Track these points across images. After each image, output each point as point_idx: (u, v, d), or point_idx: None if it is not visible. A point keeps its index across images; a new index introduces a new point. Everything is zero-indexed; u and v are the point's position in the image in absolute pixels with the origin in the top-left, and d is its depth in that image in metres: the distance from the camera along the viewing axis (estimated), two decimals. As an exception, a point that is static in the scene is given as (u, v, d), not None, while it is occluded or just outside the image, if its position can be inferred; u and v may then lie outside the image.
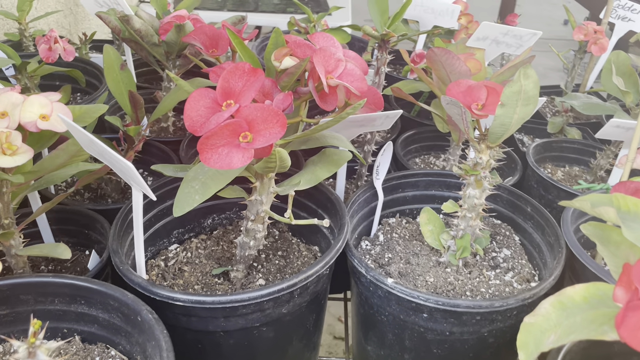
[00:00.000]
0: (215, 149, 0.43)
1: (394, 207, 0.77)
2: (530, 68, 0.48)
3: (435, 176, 0.76)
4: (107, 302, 0.51)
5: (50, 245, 0.54)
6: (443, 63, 0.73)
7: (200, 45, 0.57)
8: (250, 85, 0.44)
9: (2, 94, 0.52)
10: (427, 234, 0.68)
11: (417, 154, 0.96)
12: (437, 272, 0.66)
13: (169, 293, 0.51)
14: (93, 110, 0.59)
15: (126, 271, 0.53)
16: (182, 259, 0.69)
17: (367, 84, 0.52)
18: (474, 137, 0.58)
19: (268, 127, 0.43)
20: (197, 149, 0.43)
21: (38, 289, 0.51)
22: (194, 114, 0.43)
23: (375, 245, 0.72)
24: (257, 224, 0.62)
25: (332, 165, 0.63)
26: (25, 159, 0.49)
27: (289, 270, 0.68)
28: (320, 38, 0.53)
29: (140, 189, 0.48)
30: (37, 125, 0.52)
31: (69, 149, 0.51)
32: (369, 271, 0.58)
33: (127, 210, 0.62)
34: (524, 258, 0.70)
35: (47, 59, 0.81)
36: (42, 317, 0.52)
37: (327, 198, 0.68)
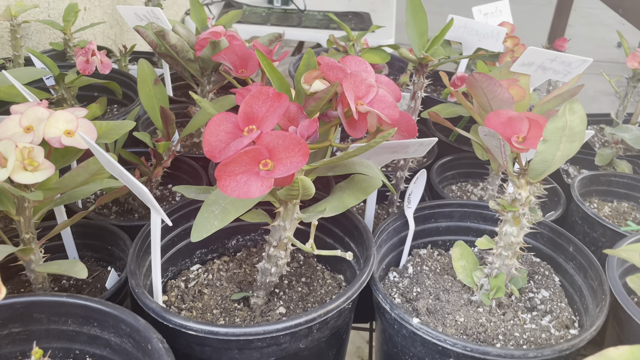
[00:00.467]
0: (233, 176, 0.41)
1: (425, 237, 0.73)
2: (577, 102, 0.44)
3: (471, 207, 0.72)
4: (119, 326, 0.49)
5: (68, 263, 0.53)
6: (484, 89, 0.69)
7: (230, 65, 0.56)
8: (273, 111, 0.42)
9: (28, 108, 0.52)
10: (459, 270, 0.64)
11: (453, 180, 0.92)
12: (468, 312, 0.62)
13: (182, 321, 0.49)
14: (120, 127, 0.58)
15: (141, 294, 0.51)
16: (203, 280, 0.67)
17: (398, 111, 0.49)
18: (513, 171, 0.54)
19: (289, 155, 0.41)
20: (215, 175, 0.41)
21: (52, 308, 0.50)
22: (213, 139, 0.41)
23: (404, 278, 0.68)
24: (280, 251, 0.59)
25: (361, 193, 0.61)
26: (45, 175, 0.48)
27: (312, 299, 0.65)
28: (352, 62, 0.51)
29: (156, 212, 0.46)
30: (61, 142, 0.51)
31: (90, 167, 0.50)
32: (394, 308, 0.55)
33: (147, 231, 0.60)
34: (564, 301, 0.65)
35: (84, 71, 0.81)
36: (55, 337, 0.51)
37: (355, 226, 0.65)
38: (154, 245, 0.51)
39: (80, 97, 1.00)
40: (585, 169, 1.00)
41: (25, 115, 0.52)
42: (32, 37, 1.16)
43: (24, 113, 0.52)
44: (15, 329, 0.50)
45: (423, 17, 0.64)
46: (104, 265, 0.69)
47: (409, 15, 0.64)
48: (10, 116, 0.52)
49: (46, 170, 0.49)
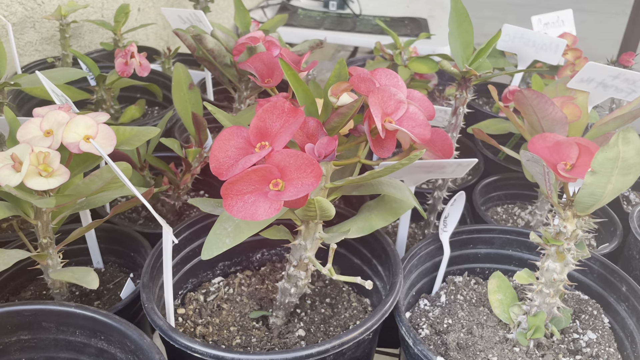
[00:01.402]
0: (240, 195, 0.38)
1: (462, 264, 0.68)
2: (633, 131, 0.38)
3: (514, 234, 0.66)
4: (124, 342, 0.48)
5: (82, 272, 0.52)
6: (534, 107, 0.63)
7: (256, 73, 0.53)
8: (288, 127, 0.38)
9: (49, 112, 0.51)
10: (495, 304, 0.58)
11: (499, 202, 0.86)
12: (502, 351, 0.56)
13: (188, 343, 0.46)
14: (144, 133, 0.57)
15: (150, 310, 0.49)
16: (223, 295, 0.64)
17: (430, 130, 0.45)
18: (558, 202, 0.48)
19: (301, 176, 0.37)
20: (221, 193, 0.38)
21: (60, 317, 0.49)
22: (221, 154, 0.39)
23: (435, 307, 0.63)
24: (300, 271, 0.56)
25: (390, 215, 0.57)
26: (59, 182, 0.47)
27: (334, 322, 0.62)
28: (382, 75, 0.47)
29: (167, 228, 0.44)
30: (79, 147, 0.50)
31: (104, 176, 0.48)
32: (417, 344, 0.50)
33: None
34: (612, 346, 0.58)
35: (123, 73, 0.81)
36: (63, 347, 0.50)
37: (383, 248, 0.61)
38: (165, 262, 0.49)
39: (121, 97, 1.00)
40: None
41: (46, 118, 0.51)
42: (85, 37, 1.18)
43: (45, 116, 0.51)
44: (24, 336, 0.49)
45: (468, 28, 0.59)
46: (126, 272, 0.68)
47: (453, 25, 0.59)
48: (32, 119, 0.51)
49: (60, 176, 0.47)
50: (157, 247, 0.57)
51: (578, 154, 0.46)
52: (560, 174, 0.45)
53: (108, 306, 0.62)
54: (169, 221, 0.77)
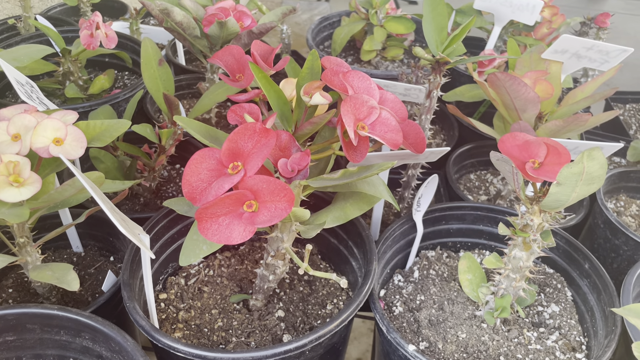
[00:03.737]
0: (215, 218, 0.39)
1: (435, 239, 0.70)
2: (598, 150, 0.39)
3: (484, 211, 0.68)
4: (109, 342, 0.49)
5: (61, 271, 0.52)
6: (507, 89, 0.63)
7: (226, 69, 0.52)
8: (260, 149, 0.38)
9: (15, 116, 0.50)
10: (465, 283, 0.61)
11: (472, 169, 0.87)
12: (471, 327, 0.60)
13: (171, 342, 0.48)
14: (115, 128, 0.56)
15: (132, 310, 0.51)
16: (204, 277, 0.66)
17: (402, 136, 0.45)
18: (525, 197, 0.50)
19: (274, 200, 0.38)
20: (195, 217, 0.38)
21: (43, 320, 0.50)
22: (193, 178, 0.39)
23: (409, 283, 0.66)
24: (277, 260, 0.58)
25: (365, 204, 0.58)
26: (32, 192, 0.47)
27: (312, 301, 0.64)
28: (355, 78, 0.46)
29: (144, 247, 0.44)
30: (49, 151, 0.49)
31: (77, 185, 0.48)
32: (390, 332, 0.53)
33: (149, 228, 0.59)
34: (574, 318, 0.62)
35: (88, 46, 0.78)
36: (49, 345, 0.52)
37: (359, 233, 0.62)
38: (145, 265, 0.50)
39: (89, 63, 0.97)
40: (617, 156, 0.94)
41: (12, 123, 0.49)
42: (45, -7, 1.12)
43: (11, 121, 0.49)
44: (9, 337, 0.51)
45: (443, 11, 0.58)
46: (106, 255, 0.69)
47: (427, 8, 0.58)
48: (-3, 123, 0.50)
49: (32, 185, 0.47)
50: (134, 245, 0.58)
51: (546, 153, 0.47)
52: (528, 174, 0.47)
53: (91, 292, 0.64)
54: (147, 200, 0.78)
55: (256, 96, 0.52)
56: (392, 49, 1.03)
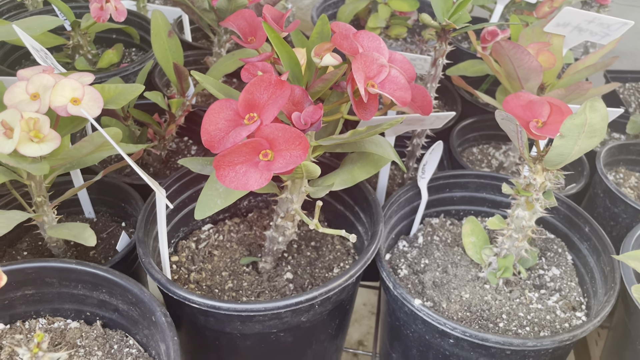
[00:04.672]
0: (232, 166, 0.40)
1: (439, 206, 0.72)
2: (599, 101, 0.41)
3: (487, 179, 0.70)
4: (126, 295, 0.51)
5: (78, 228, 0.54)
6: (511, 57, 0.65)
7: (238, 32, 0.53)
8: (275, 99, 0.40)
9: (34, 75, 0.51)
10: (469, 246, 0.63)
11: (475, 142, 0.89)
12: (474, 288, 0.61)
13: (186, 294, 0.50)
14: (128, 91, 0.57)
15: (148, 264, 0.53)
16: (214, 241, 0.68)
17: (410, 93, 0.47)
18: (529, 156, 0.51)
19: (289, 148, 0.40)
20: (214, 165, 0.40)
21: (62, 274, 0.52)
22: (212, 127, 0.40)
23: (413, 248, 0.68)
24: (287, 222, 0.59)
25: (372, 167, 0.59)
26: (51, 148, 0.48)
27: (319, 264, 0.66)
28: (365, 38, 0.48)
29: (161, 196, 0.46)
30: (67, 110, 0.51)
31: (95, 141, 0.50)
32: (397, 287, 0.55)
33: (154, 198, 0.61)
34: (574, 280, 0.64)
35: (98, 18, 0.79)
36: (66, 299, 0.54)
37: (365, 198, 0.64)
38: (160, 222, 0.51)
39: (97, 39, 0.98)
40: (617, 132, 0.96)
41: (31, 82, 0.51)
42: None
43: (30, 80, 0.51)
44: (28, 291, 0.52)
45: (449, -22, 0.59)
46: (118, 221, 0.70)
47: (434, -24, 0.59)
48: (17, 83, 0.51)
49: (52, 141, 0.49)
50: (149, 201, 0.59)
51: (549, 112, 0.49)
52: (532, 132, 0.48)
53: (103, 256, 0.65)
54: (156, 169, 0.79)
55: (267, 59, 0.53)
56: (396, 27, 1.04)
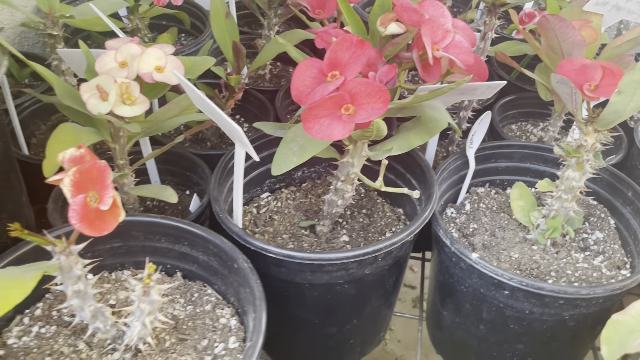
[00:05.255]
0: (317, 119, 0.44)
1: (484, 176, 0.76)
2: (657, 57, 0.44)
3: (532, 149, 0.74)
4: (207, 246, 0.55)
5: (159, 188, 0.59)
6: (556, 31, 0.68)
7: (307, 5, 0.58)
8: (357, 58, 0.44)
9: (122, 44, 0.56)
10: (517, 210, 0.67)
11: (514, 120, 0.92)
12: (522, 249, 0.65)
13: (263, 245, 0.54)
14: (201, 63, 0.62)
15: (225, 219, 0.57)
16: (273, 207, 0.72)
17: (473, 57, 0.51)
18: (581, 118, 0.55)
19: (371, 101, 0.44)
20: (301, 118, 0.44)
21: (148, 227, 0.56)
22: (300, 84, 0.45)
23: (461, 214, 0.72)
24: (347, 185, 0.63)
25: (426, 134, 0.63)
26: (143, 109, 0.53)
27: (372, 229, 0.70)
28: (430, 5, 0.52)
29: (245, 149, 0.50)
30: (152, 77, 0.55)
31: (181, 103, 0.54)
32: (454, 243, 0.59)
33: (227, 160, 0.65)
34: (617, 243, 0.67)
35: (158, 2, 0.84)
36: (150, 252, 0.58)
37: (417, 164, 0.68)
38: (236, 176, 0.56)
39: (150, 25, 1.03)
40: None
41: (119, 51, 0.56)
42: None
43: (119, 49, 0.56)
44: (115, 244, 0.57)
45: (500, -44, 0.63)
46: (182, 190, 0.75)
47: (486, -46, 0.63)
48: (107, 52, 0.56)
49: (142, 104, 0.53)
50: (220, 165, 0.64)
51: (602, 76, 0.52)
52: (586, 94, 0.52)
53: (172, 220, 0.70)
54: (213, 143, 0.84)
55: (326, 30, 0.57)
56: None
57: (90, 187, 0.40)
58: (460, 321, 0.65)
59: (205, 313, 0.55)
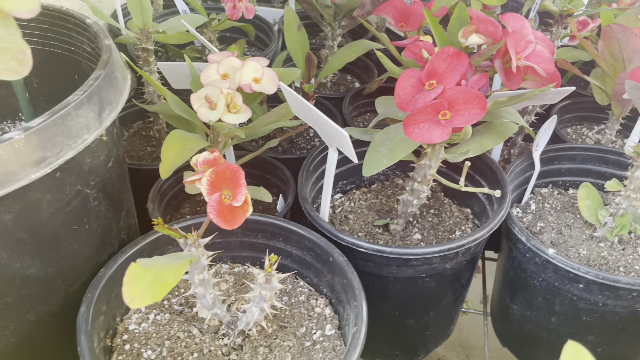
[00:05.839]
0: (417, 124, 0.49)
1: (547, 178, 0.79)
2: None
3: (594, 151, 0.77)
4: (302, 242, 0.60)
5: (254, 189, 0.64)
6: (619, 39, 0.72)
7: (391, 19, 0.62)
8: (454, 68, 0.49)
9: (224, 58, 0.61)
10: (584, 209, 0.70)
11: (569, 124, 0.96)
12: (590, 246, 0.69)
13: (354, 240, 0.59)
14: (289, 74, 0.67)
15: (316, 217, 0.62)
16: (347, 207, 0.77)
17: (553, 65, 0.55)
18: (653, 121, 0.59)
19: (468, 107, 0.48)
20: (403, 123, 0.49)
21: (247, 224, 0.61)
22: (401, 92, 0.49)
23: (527, 214, 0.75)
24: (423, 186, 0.68)
25: (499, 137, 0.67)
26: (246, 117, 0.58)
27: (441, 228, 0.74)
28: (511, 19, 0.56)
29: (345, 152, 0.55)
30: (251, 87, 0.61)
31: (280, 111, 0.59)
32: (530, 239, 0.63)
33: (308, 163, 0.70)
34: (681, 241, 0.70)
35: (232, 16, 0.90)
36: (246, 247, 0.63)
37: (488, 166, 0.72)
38: (327, 176, 0.61)
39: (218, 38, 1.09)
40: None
41: (221, 64, 0.61)
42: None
43: (221, 62, 0.61)
44: (217, 239, 0.62)
45: (567, -30, 0.67)
46: (261, 191, 0.80)
47: (555, -32, 0.67)
48: (210, 65, 0.61)
49: (245, 112, 0.59)
50: (304, 167, 0.69)
51: (673, 82, 0.56)
52: (659, 99, 0.55)
53: (254, 219, 0.75)
54: (284, 148, 0.89)
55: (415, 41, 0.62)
56: (484, 21, 1.12)
57: (224, 185, 0.45)
58: (532, 314, 0.69)
59: (300, 303, 0.60)
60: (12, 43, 0.36)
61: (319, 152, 0.74)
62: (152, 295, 0.38)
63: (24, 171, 0.41)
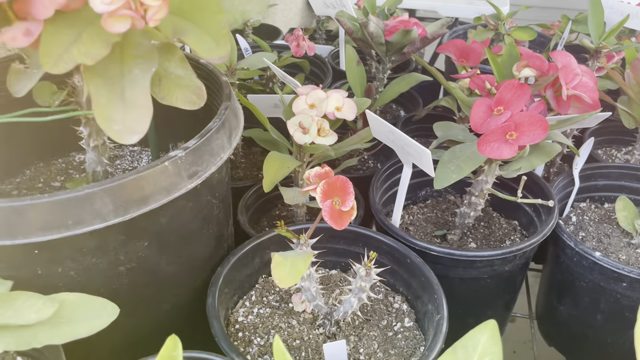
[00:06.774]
0: (489, 143, 0.59)
1: (584, 193, 0.89)
2: None
3: (627, 169, 0.86)
4: (380, 247, 0.70)
5: (334, 202, 0.74)
6: (647, 71, 0.82)
7: (453, 55, 0.73)
8: (519, 97, 0.59)
9: (311, 91, 0.72)
10: (622, 219, 0.79)
11: (599, 146, 1.05)
12: (628, 252, 0.78)
13: (427, 245, 0.69)
14: (361, 103, 0.78)
15: (391, 226, 0.72)
16: (407, 220, 0.87)
17: (597, 94, 0.65)
18: (683, 141, 0.68)
19: (532, 129, 0.58)
20: (477, 143, 0.59)
21: (330, 232, 0.71)
22: (476, 117, 0.59)
23: (569, 225, 0.84)
24: (479, 199, 0.77)
25: (545, 156, 0.77)
26: (333, 140, 0.68)
27: (492, 238, 0.83)
28: (560, 55, 0.67)
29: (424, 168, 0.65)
30: (334, 115, 0.71)
31: (362, 135, 0.70)
32: (578, 244, 0.72)
33: (377, 179, 0.80)
34: None
35: (296, 53, 1.02)
36: (330, 253, 0.73)
37: (533, 182, 0.82)
38: (400, 190, 0.71)
39: (273, 71, 1.21)
40: None
41: (309, 95, 0.72)
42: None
43: (309, 94, 0.72)
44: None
45: (600, 11, 0.78)
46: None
47: (591, 9, 0.78)
48: (300, 96, 0.72)
49: (332, 136, 0.69)
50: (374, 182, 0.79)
51: (700, 107, 0.66)
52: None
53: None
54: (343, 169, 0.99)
55: (472, 75, 0.73)
56: (515, 54, 1.23)
57: (334, 194, 0.55)
58: (578, 313, 0.77)
59: (379, 300, 0.69)
60: (191, 81, 0.47)
61: (382, 172, 0.84)
62: (293, 279, 0.48)
63: (183, 182, 0.51)
